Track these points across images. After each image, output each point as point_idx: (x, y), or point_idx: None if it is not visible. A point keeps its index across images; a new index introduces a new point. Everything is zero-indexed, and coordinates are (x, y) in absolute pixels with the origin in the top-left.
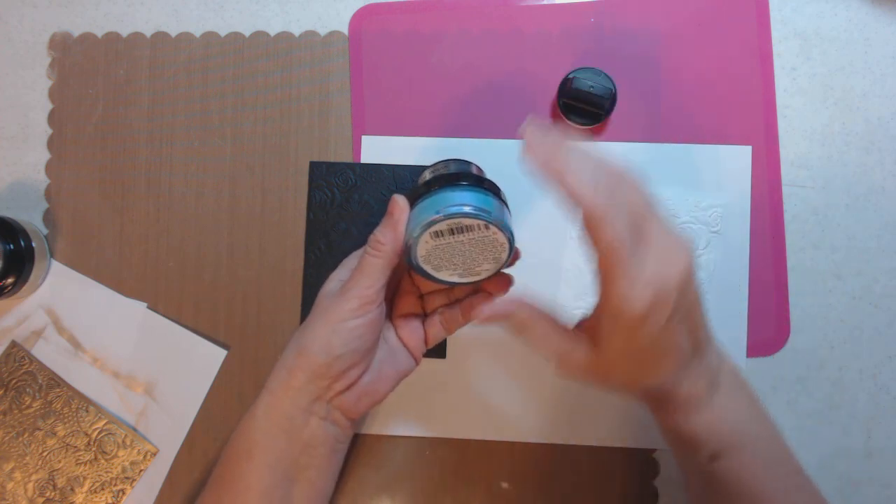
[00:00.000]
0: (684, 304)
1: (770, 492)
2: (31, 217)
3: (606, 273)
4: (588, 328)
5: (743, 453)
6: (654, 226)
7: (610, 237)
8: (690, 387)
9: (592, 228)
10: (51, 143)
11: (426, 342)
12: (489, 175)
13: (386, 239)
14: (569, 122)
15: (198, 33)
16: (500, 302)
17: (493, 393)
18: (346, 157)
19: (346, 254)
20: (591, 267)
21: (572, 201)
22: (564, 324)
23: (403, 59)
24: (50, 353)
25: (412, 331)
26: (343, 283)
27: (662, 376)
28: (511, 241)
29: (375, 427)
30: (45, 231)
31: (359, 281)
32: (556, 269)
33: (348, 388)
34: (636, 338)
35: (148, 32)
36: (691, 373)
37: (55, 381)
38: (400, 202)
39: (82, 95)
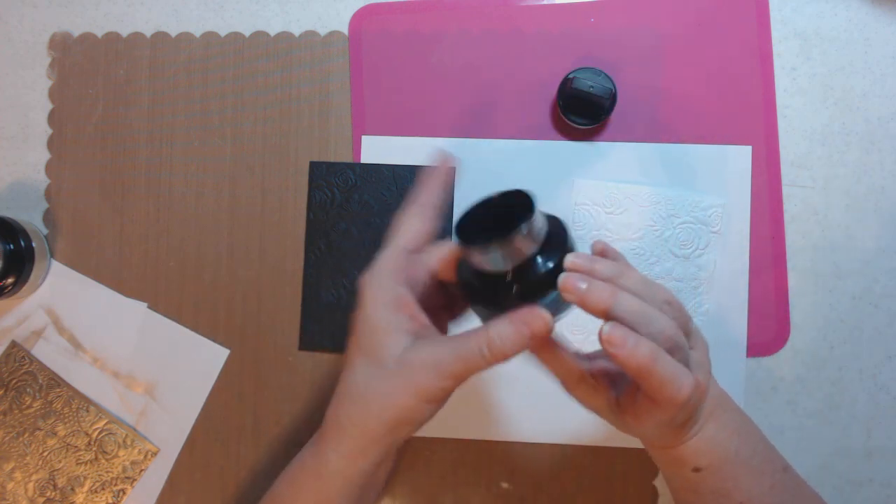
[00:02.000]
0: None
1: (756, 493)
2: (31, 217)
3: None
4: (604, 375)
5: (726, 464)
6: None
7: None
8: (686, 427)
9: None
10: (51, 143)
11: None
12: (489, 174)
13: (509, 350)
14: (569, 121)
15: (198, 33)
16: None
17: (493, 393)
18: (346, 157)
19: (346, 254)
20: None
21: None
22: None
23: (403, 59)
24: (50, 353)
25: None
26: (431, 351)
27: (673, 436)
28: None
29: None
30: (45, 231)
31: (456, 370)
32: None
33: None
34: (669, 418)
35: (148, 32)
36: (688, 430)
37: (55, 381)
38: (547, 321)
39: (82, 95)
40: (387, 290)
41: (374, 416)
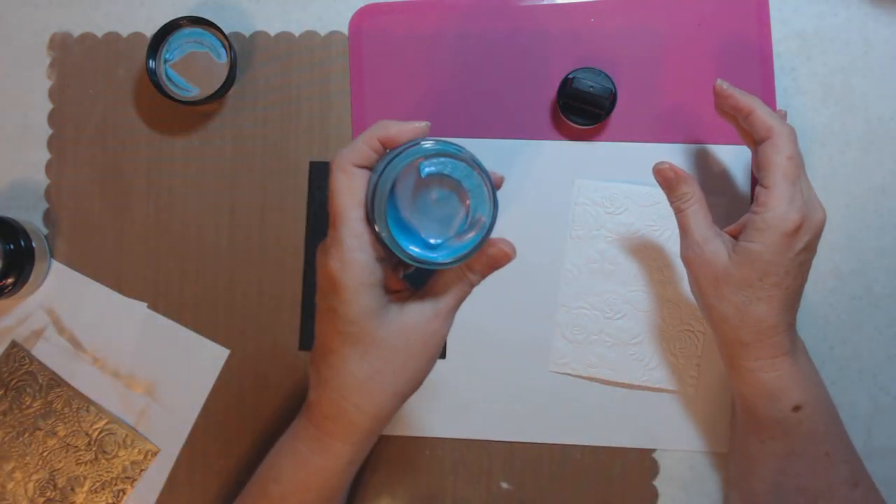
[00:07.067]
0: (810, 255)
1: (840, 445)
2: (31, 217)
3: (772, 184)
4: (734, 232)
5: (819, 407)
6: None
7: (790, 152)
8: (783, 334)
9: (774, 145)
10: (51, 143)
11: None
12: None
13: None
14: (569, 121)
15: None
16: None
17: (493, 393)
18: None
19: None
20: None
21: (758, 123)
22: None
23: (403, 59)
24: (50, 353)
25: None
26: (422, 310)
27: (774, 302)
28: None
29: None
30: (45, 231)
31: (451, 307)
32: (556, 269)
33: None
34: (779, 247)
35: (148, 32)
36: (785, 323)
37: (55, 381)
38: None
39: (82, 95)
40: (365, 269)
41: (388, 397)
